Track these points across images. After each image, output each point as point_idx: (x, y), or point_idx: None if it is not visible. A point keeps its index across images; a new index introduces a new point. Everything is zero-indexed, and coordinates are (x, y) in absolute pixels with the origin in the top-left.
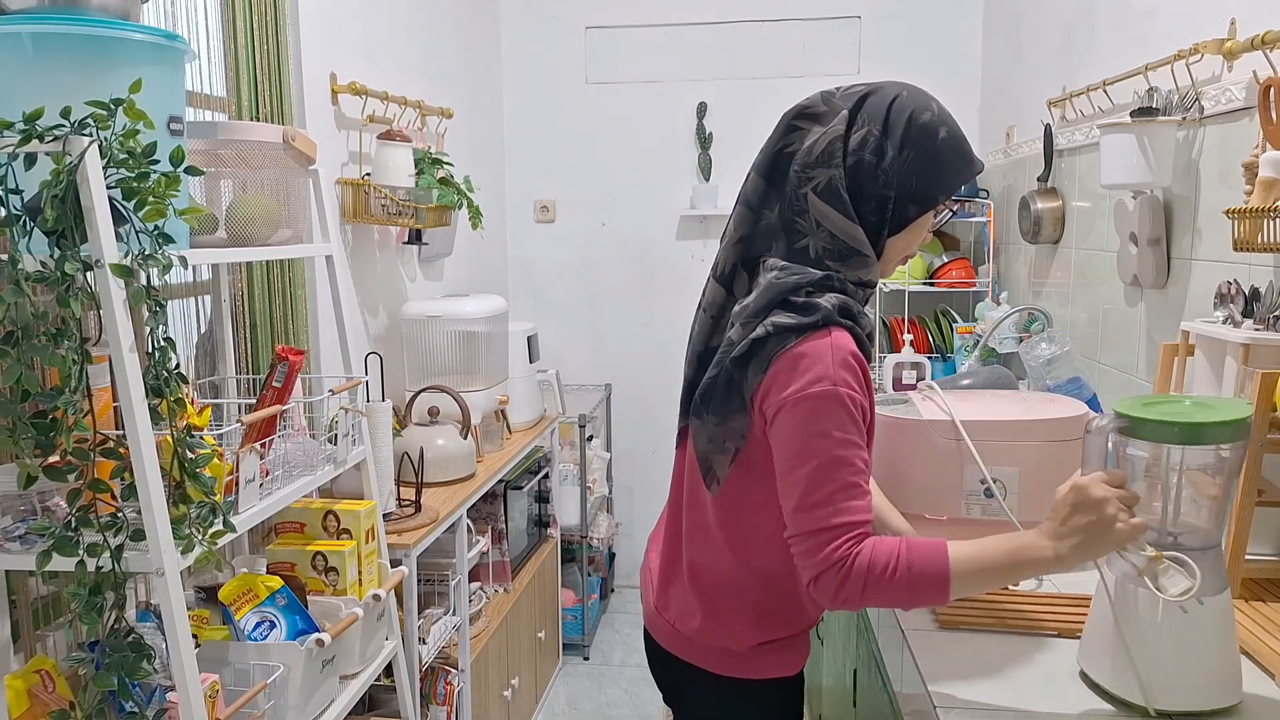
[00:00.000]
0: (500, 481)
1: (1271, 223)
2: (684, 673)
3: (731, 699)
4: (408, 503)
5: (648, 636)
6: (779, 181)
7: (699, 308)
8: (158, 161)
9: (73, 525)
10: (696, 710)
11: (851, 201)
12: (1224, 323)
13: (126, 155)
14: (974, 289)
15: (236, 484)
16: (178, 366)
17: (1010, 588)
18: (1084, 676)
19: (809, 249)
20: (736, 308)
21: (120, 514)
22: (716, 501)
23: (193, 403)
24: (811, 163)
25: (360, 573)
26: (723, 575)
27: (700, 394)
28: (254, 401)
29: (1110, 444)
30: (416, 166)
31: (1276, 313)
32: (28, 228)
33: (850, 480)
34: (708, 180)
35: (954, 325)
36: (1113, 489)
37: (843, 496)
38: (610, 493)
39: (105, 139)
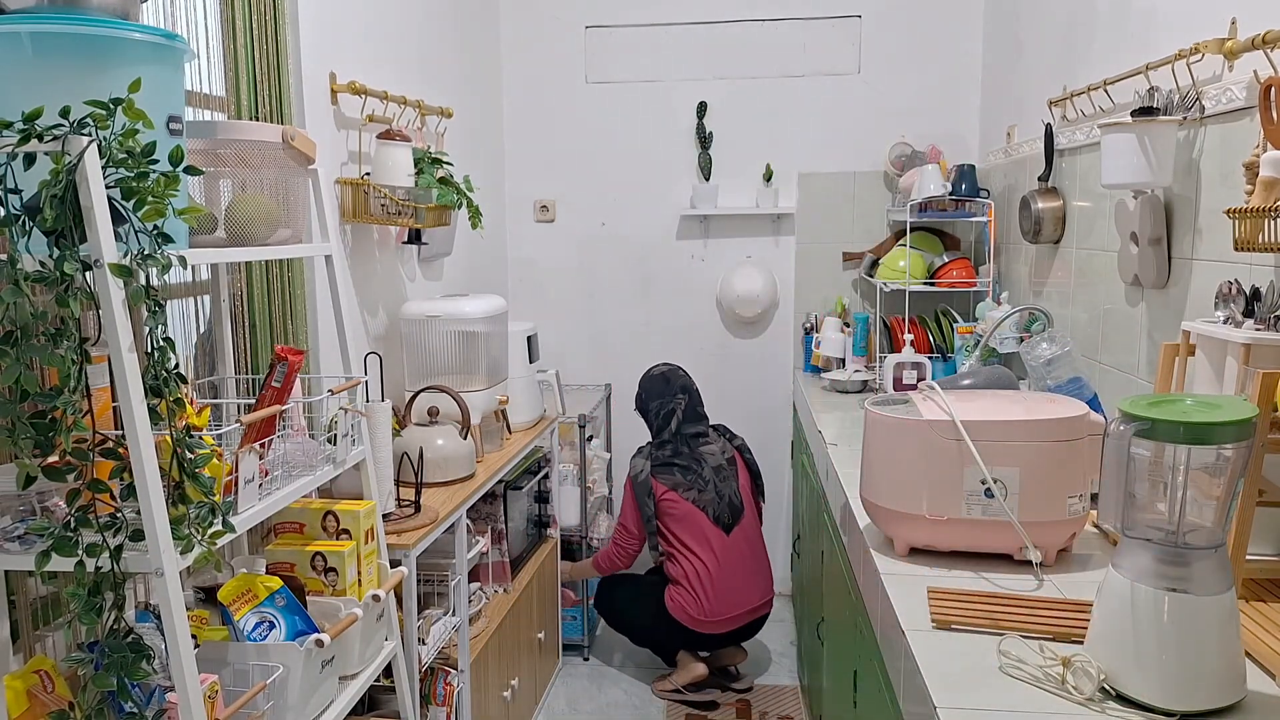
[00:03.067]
0: (500, 482)
1: (1272, 222)
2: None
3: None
4: (407, 503)
5: (757, 621)
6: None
7: (712, 471)
8: (157, 161)
9: (72, 525)
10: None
11: None
12: (1225, 323)
13: (126, 155)
14: (974, 289)
15: (236, 484)
16: (177, 366)
17: (1006, 590)
18: (1088, 677)
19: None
20: (717, 445)
21: (119, 514)
22: (757, 522)
23: (192, 403)
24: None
25: (360, 573)
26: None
27: (755, 474)
28: (253, 401)
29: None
30: (416, 166)
31: (1277, 313)
32: (27, 227)
33: None
34: (708, 180)
35: (954, 325)
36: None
37: None
38: (610, 493)
39: (104, 139)
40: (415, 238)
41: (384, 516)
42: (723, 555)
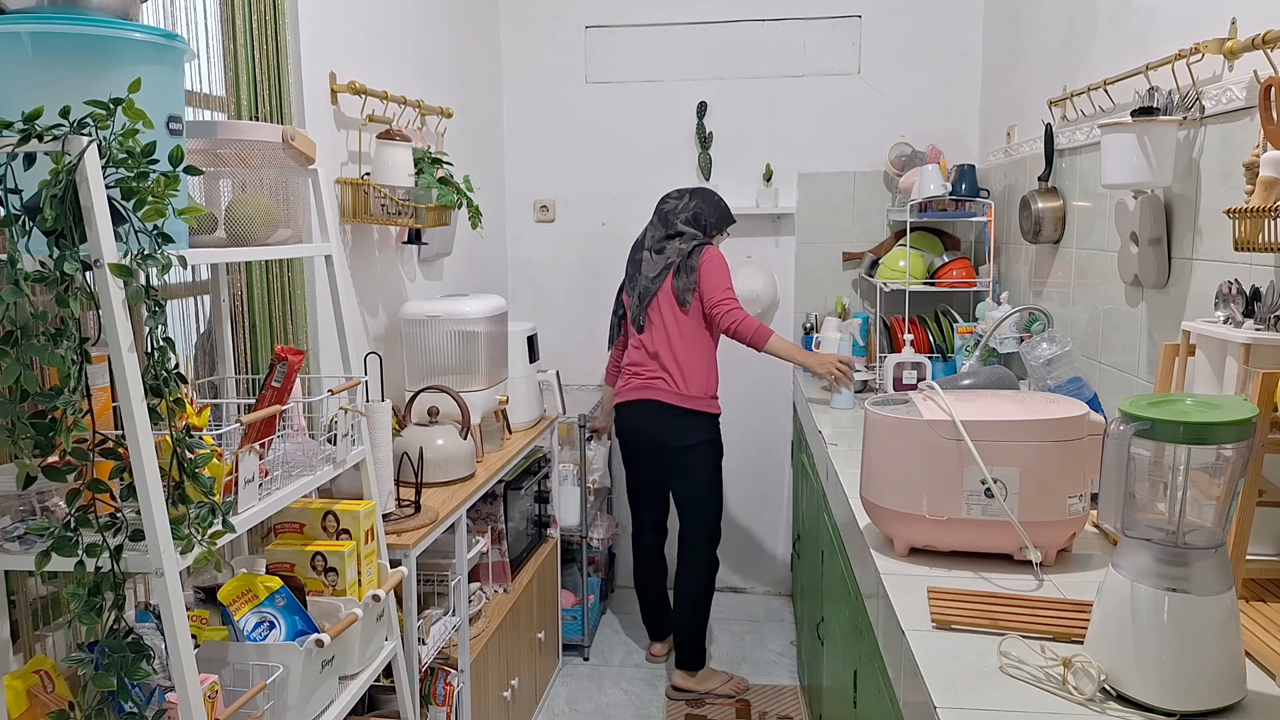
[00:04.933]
0: (500, 482)
1: (1272, 222)
2: (687, 416)
3: (712, 422)
4: (407, 503)
5: (660, 406)
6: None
7: (647, 279)
8: (157, 161)
9: (72, 525)
10: (698, 432)
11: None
12: (1225, 323)
13: (126, 155)
14: (975, 289)
15: (236, 484)
16: (177, 366)
17: (1006, 590)
18: (1088, 677)
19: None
20: (669, 254)
21: (119, 514)
22: (689, 320)
23: (192, 403)
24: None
25: (360, 573)
26: (695, 359)
27: (679, 274)
28: (253, 401)
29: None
30: (416, 166)
31: (1277, 313)
32: (27, 227)
33: None
34: (708, 179)
35: (955, 325)
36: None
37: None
38: (610, 493)
39: (104, 139)
40: (415, 238)
41: (384, 516)
42: (632, 351)
